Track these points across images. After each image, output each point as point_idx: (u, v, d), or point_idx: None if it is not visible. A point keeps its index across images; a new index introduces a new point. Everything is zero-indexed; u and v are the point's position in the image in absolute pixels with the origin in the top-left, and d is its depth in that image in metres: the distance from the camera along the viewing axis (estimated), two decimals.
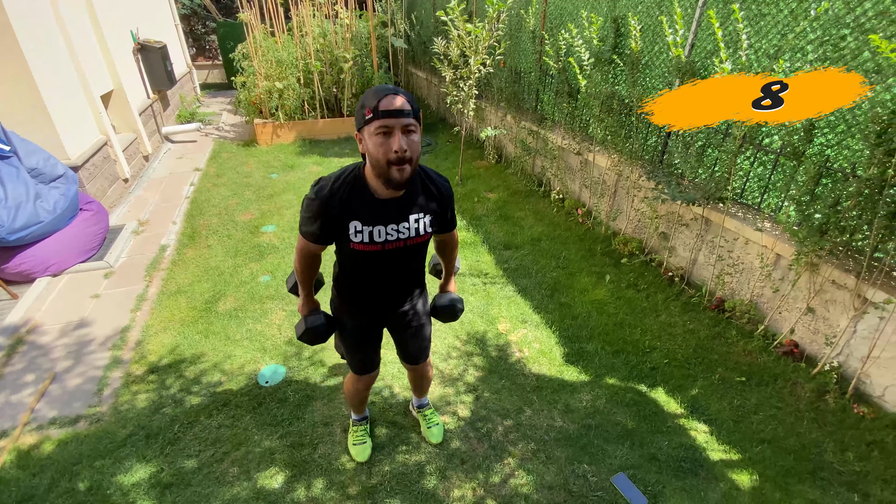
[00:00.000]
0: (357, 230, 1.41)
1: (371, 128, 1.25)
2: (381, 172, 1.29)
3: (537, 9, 4.67)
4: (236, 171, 5.69)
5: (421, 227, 1.47)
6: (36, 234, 3.23)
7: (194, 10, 11.60)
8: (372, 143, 1.25)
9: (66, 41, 4.18)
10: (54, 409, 2.39)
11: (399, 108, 1.22)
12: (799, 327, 2.75)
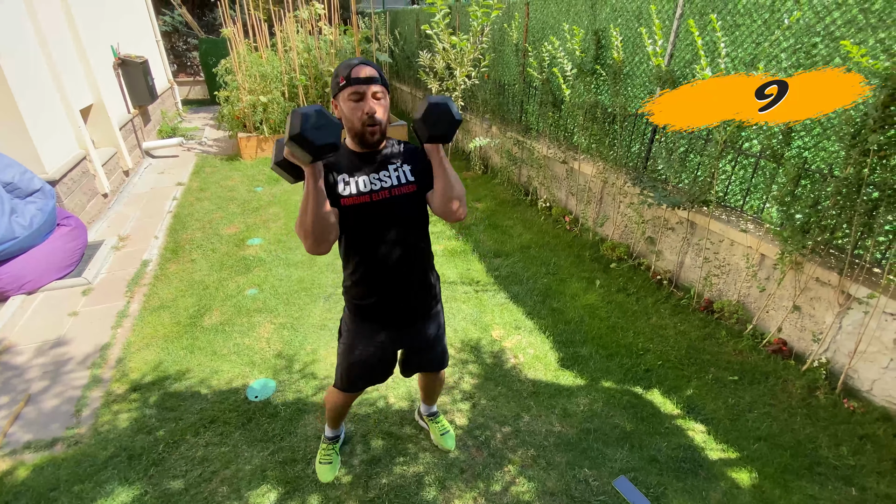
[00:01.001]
0: (345, 182, 1.45)
1: (345, 94, 1.38)
2: (355, 133, 1.44)
3: (520, 23, 4.78)
4: (220, 185, 5.60)
5: (402, 175, 1.51)
6: (10, 250, 3.10)
7: (176, 27, 11.55)
8: (346, 107, 1.40)
9: (46, 55, 4.10)
10: (29, 432, 2.27)
11: (369, 76, 1.37)
12: (786, 325, 2.80)
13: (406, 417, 2.39)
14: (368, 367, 1.74)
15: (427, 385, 2.11)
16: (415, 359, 1.86)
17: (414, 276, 1.63)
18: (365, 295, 1.61)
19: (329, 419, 2.06)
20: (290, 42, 6.69)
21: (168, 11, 11.31)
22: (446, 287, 3.54)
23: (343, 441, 2.23)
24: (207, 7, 12.08)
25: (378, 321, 1.68)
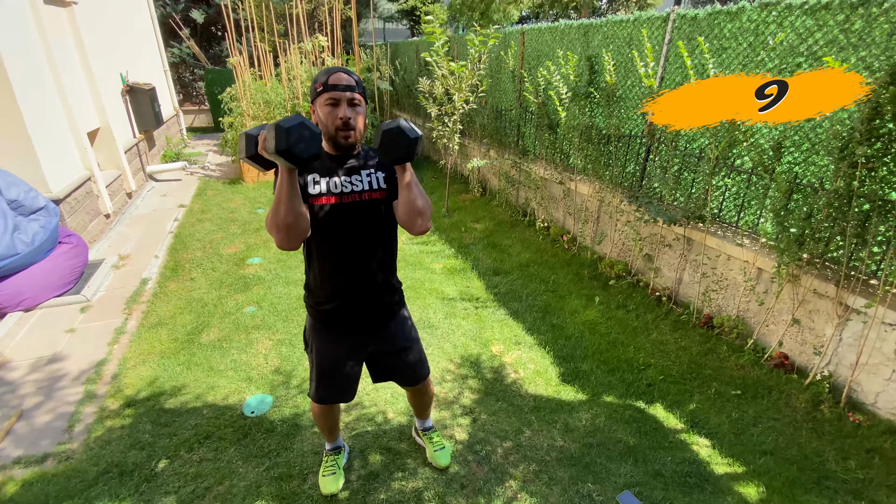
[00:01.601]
0: (315, 181, 1.47)
1: (322, 99, 1.43)
2: (329, 136, 1.47)
3: (516, 51, 4.96)
4: (222, 207, 5.66)
5: (374, 182, 1.53)
6: (11, 266, 3.11)
7: (183, 58, 11.92)
8: (322, 112, 1.44)
9: (56, 80, 4.23)
10: (20, 447, 2.22)
11: (346, 84, 1.41)
12: (787, 339, 2.79)
13: (405, 433, 2.35)
14: (338, 375, 1.73)
15: (413, 399, 2.08)
16: (382, 362, 1.82)
17: (375, 281, 1.63)
18: (327, 299, 1.62)
19: (321, 431, 2.04)
20: (293, 71, 6.90)
21: (176, 44, 11.70)
22: (446, 303, 3.54)
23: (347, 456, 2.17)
24: (214, 40, 12.50)
25: (339, 326, 1.68)
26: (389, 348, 1.78)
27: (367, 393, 2.59)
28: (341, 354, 1.71)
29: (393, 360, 1.82)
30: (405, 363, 1.83)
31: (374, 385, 2.63)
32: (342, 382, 1.76)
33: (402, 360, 1.82)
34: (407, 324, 1.83)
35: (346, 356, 1.72)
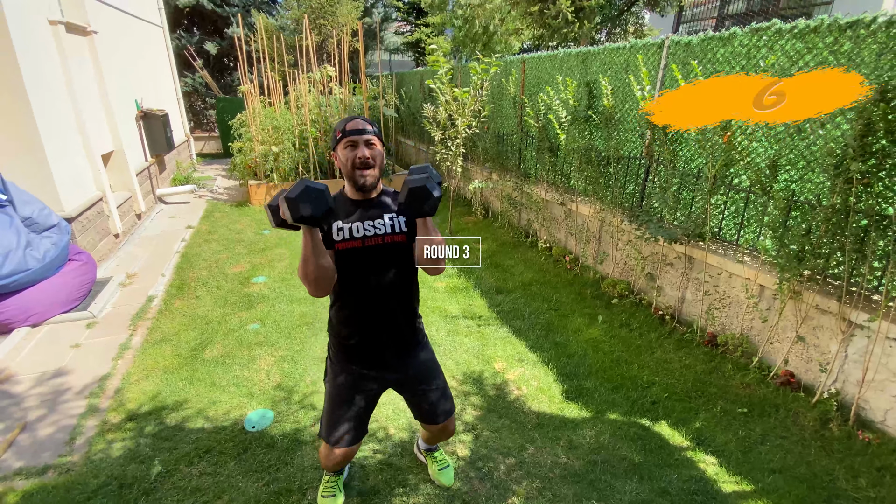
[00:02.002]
0: (339, 228, 1.53)
1: (341, 144, 1.53)
2: (349, 176, 1.55)
3: (517, 78, 5.13)
4: (228, 228, 5.76)
5: (396, 225, 1.58)
6: (22, 281, 3.17)
7: (196, 88, 12.34)
8: (342, 155, 1.54)
9: (74, 105, 4.40)
10: (22, 459, 2.21)
11: (361, 128, 1.53)
12: (792, 357, 2.77)
13: (406, 448, 2.32)
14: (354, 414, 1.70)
15: (431, 435, 1.98)
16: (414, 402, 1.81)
17: (397, 321, 1.66)
18: (350, 335, 1.64)
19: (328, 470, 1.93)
20: (302, 99, 7.13)
21: (190, 74, 12.13)
22: (448, 321, 3.54)
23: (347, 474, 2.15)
24: (227, 70, 12.96)
25: (362, 361, 1.68)
26: (409, 386, 1.77)
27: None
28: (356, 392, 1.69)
29: (413, 398, 1.81)
30: (426, 401, 1.79)
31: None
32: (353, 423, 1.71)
33: (422, 398, 1.79)
34: (428, 363, 1.80)
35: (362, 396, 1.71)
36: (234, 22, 12.04)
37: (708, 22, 11.14)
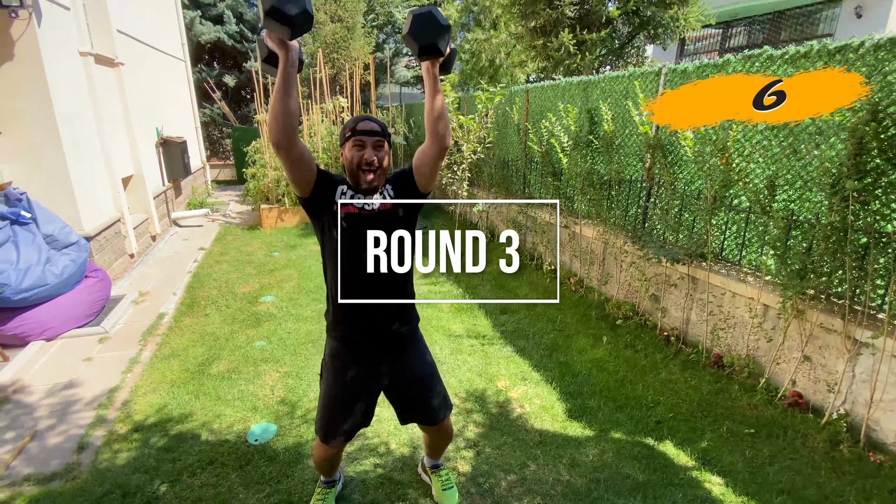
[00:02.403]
0: (343, 192, 1.60)
1: (350, 143, 1.57)
2: (353, 176, 1.60)
3: (521, 106, 5.30)
4: (239, 250, 5.89)
5: (387, 195, 1.63)
6: (40, 295, 3.28)
7: (213, 118, 12.83)
8: (349, 153, 1.58)
9: (99, 131, 4.64)
10: (30, 465, 2.25)
11: (371, 129, 1.56)
12: (799, 378, 2.74)
13: (407, 463, 2.32)
14: (349, 413, 1.72)
15: (431, 439, 2.01)
16: (404, 398, 1.81)
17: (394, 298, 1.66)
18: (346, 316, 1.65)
19: (320, 470, 2.00)
20: (315, 127, 7.40)
21: (208, 105, 12.65)
22: (452, 340, 3.56)
23: (342, 487, 2.15)
24: (244, 101, 13.50)
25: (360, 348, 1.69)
26: (408, 381, 1.77)
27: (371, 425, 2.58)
28: (351, 390, 1.71)
29: (410, 393, 1.80)
30: (426, 399, 1.80)
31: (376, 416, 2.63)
32: (347, 420, 1.73)
33: (424, 396, 1.80)
34: (426, 357, 1.83)
35: (362, 388, 1.72)
36: (253, 56, 12.62)
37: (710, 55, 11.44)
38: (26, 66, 3.68)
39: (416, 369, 1.79)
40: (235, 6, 12.76)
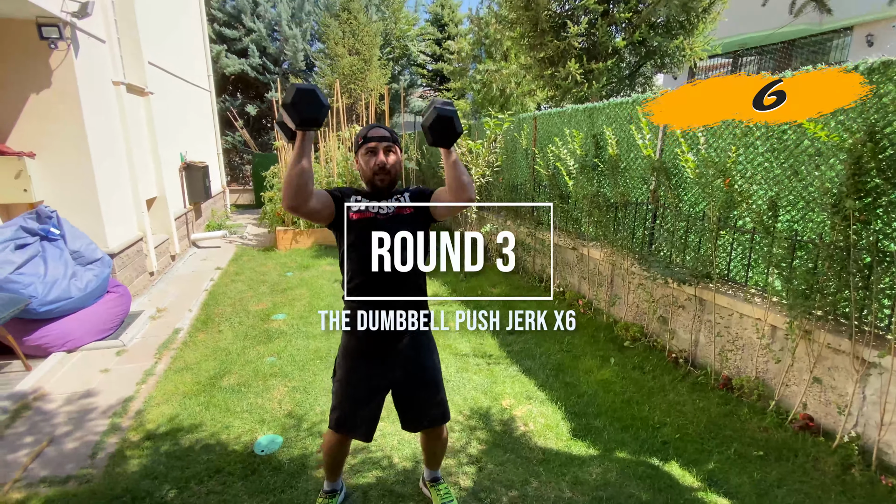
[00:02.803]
0: (357, 200, 1.71)
1: (363, 150, 1.70)
2: (367, 180, 1.72)
3: (528, 132, 5.45)
4: (254, 270, 6.05)
5: (402, 201, 1.75)
6: (64, 308, 3.42)
7: (235, 145, 13.36)
8: (363, 160, 1.72)
9: (128, 155, 4.91)
10: (47, 468, 2.33)
11: (381, 135, 1.69)
12: (810, 400, 2.69)
13: (409, 477, 2.33)
14: (361, 410, 1.80)
15: (429, 445, 2.05)
16: (406, 392, 1.86)
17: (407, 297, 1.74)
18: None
19: (326, 467, 2.04)
20: (331, 153, 7.68)
21: (230, 133, 13.20)
22: (458, 358, 3.59)
23: (343, 497, 2.17)
24: (264, 130, 14.05)
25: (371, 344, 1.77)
26: (416, 380, 1.84)
27: (374, 438, 2.60)
28: (367, 383, 1.79)
29: (415, 391, 1.86)
30: (431, 400, 1.86)
31: (380, 430, 2.66)
32: (361, 412, 1.80)
33: (429, 397, 1.86)
34: (434, 357, 1.90)
35: (373, 384, 1.80)
36: (274, 87, 13.22)
37: None
38: (63, 94, 3.97)
39: (424, 371, 1.85)
40: (259, 40, 13.47)
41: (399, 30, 14.73)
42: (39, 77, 3.88)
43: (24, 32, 3.73)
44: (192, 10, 8.72)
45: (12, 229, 3.41)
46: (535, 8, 6.12)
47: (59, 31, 3.72)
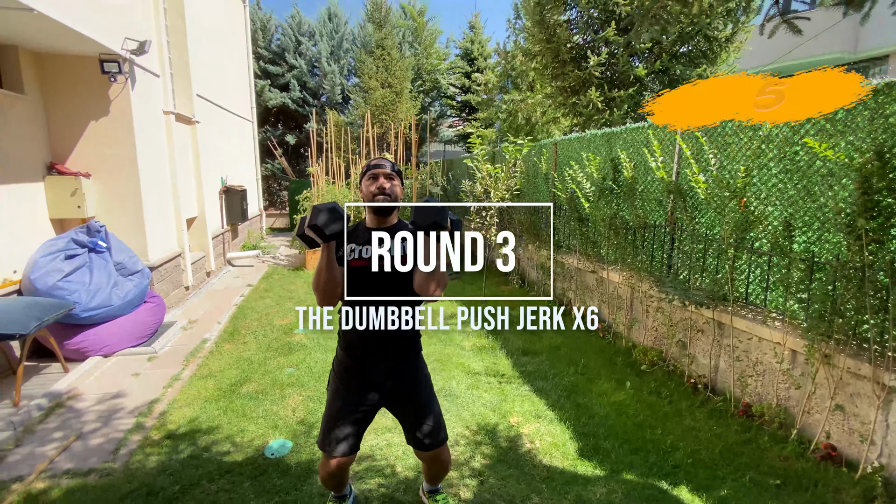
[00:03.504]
0: (352, 250, 1.78)
1: (365, 178, 1.83)
2: (368, 201, 1.81)
3: (548, 157, 5.56)
4: (283, 287, 6.30)
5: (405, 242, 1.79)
6: (104, 315, 3.70)
7: (274, 172, 14.10)
8: (364, 186, 1.83)
9: (173, 178, 5.33)
10: (72, 461, 2.50)
11: (381, 164, 1.83)
12: (833, 428, 2.56)
13: (410, 486, 2.35)
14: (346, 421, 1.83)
15: (428, 467, 2.04)
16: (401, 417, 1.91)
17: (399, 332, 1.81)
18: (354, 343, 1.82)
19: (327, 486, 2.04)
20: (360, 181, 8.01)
21: (270, 161, 13.96)
22: (470, 376, 3.60)
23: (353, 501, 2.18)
24: (302, 158, 14.79)
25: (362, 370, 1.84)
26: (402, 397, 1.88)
27: (379, 447, 2.66)
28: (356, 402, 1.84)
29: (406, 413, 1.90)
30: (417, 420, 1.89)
31: (386, 440, 2.72)
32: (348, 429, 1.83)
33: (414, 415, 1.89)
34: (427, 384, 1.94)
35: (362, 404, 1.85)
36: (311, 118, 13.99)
37: None
38: (118, 121, 4.40)
39: (413, 392, 1.89)
40: (300, 76, 14.37)
41: (430, 64, 15.38)
42: (99, 106, 4.34)
43: (87, 67, 4.21)
44: (239, 49, 9.49)
45: (64, 241, 3.75)
46: (557, 41, 6.33)
47: (119, 66, 4.17)
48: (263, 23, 14.55)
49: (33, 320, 3.06)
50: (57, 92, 4.27)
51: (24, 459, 2.54)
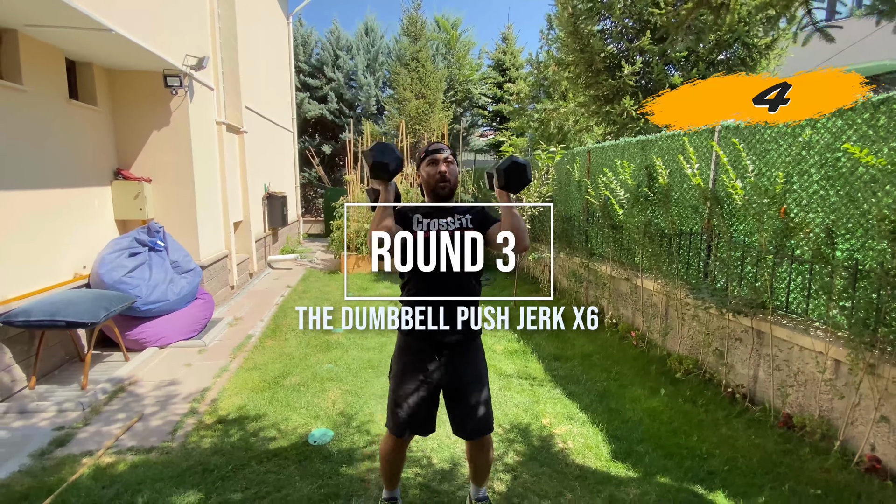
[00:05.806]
0: (419, 220, 1.87)
1: (425, 162, 1.91)
2: (430, 189, 1.90)
3: (581, 164, 5.59)
4: (319, 289, 6.56)
5: (465, 221, 1.88)
6: (161, 309, 3.99)
7: (311, 181, 14.64)
8: (425, 171, 1.91)
9: (222, 184, 5.68)
10: (134, 440, 2.73)
11: (441, 148, 1.91)
12: (879, 441, 2.49)
13: (446, 476, 2.45)
14: (414, 403, 1.90)
15: (473, 456, 2.08)
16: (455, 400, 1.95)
17: (460, 304, 1.87)
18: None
19: (383, 474, 2.12)
20: None
21: (308, 169, 14.51)
22: (502, 378, 3.67)
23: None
24: (337, 167, 15.30)
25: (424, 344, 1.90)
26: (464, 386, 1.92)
27: (415, 440, 2.75)
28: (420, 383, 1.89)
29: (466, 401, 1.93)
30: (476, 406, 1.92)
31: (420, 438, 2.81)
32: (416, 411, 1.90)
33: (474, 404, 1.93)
34: (482, 365, 2.00)
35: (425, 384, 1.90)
36: (347, 129, 14.46)
37: None
38: (177, 131, 4.76)
39: (470, 376, 1.94)
40: (338, 88, 14.92)
41: (462, 75, 15.65)
42: (160, 117, 4.71)
43: (151, 81, 4.59)
44: (283, 64, 10.00)
45: (128, 240, 4.08)
46: (590, 50, 6.39)
47: (180, 80, 4.53)
48: (304, 38, 15.23)
49: (102, 311, 3.35)
50: (124, 104, 4.66)
51: (91, 437, 2.79)
